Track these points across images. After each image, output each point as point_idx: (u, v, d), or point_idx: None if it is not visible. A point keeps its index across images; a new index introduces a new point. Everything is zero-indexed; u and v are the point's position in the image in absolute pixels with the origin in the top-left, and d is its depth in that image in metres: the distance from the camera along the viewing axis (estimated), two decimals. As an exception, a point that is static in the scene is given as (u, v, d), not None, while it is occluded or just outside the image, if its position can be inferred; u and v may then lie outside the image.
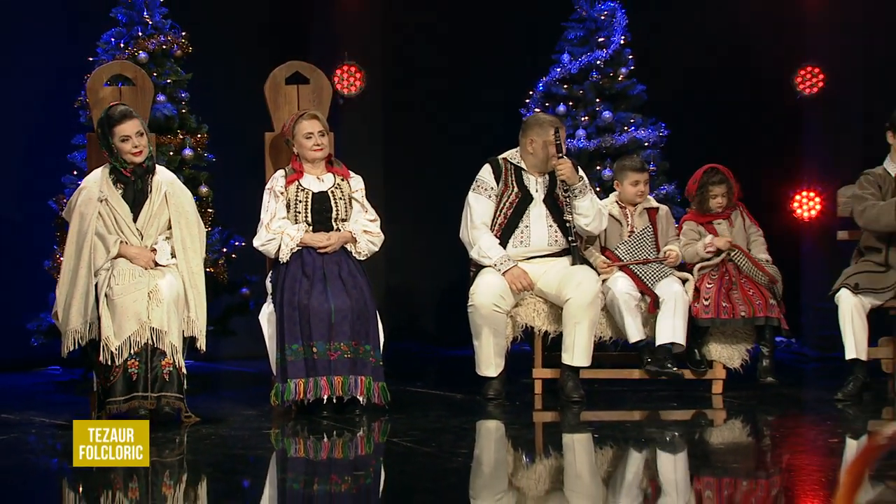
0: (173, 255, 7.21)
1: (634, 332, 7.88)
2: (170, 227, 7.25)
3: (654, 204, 8.40)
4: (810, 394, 8.60)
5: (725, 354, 8.11)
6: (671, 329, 7.86)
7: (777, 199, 9.34)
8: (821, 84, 9.82)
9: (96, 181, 7.21)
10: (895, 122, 7.98)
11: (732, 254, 8.12)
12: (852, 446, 6.73)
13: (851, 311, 7.90)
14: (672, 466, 6.66)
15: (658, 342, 7.88)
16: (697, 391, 8.08)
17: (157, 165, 7.36)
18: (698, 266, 8.13)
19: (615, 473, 6.48)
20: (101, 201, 7.12)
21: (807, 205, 9.77)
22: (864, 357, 7.93)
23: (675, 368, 7.88)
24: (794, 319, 8.38)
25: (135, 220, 7.18)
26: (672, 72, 9.79)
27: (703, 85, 9.94)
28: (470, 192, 8.02)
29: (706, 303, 7.98)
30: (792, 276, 8.65)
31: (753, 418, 7.67)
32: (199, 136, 8.84)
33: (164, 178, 7.33)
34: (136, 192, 7.20)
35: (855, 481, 2.04)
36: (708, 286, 8.03)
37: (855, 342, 7.91)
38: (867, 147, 8.73)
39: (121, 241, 7.11)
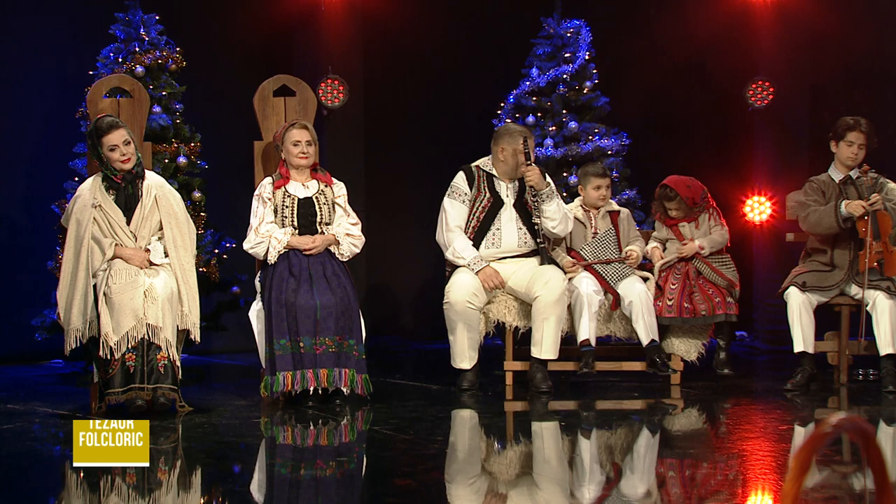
0: (166, 254, 7.23)
1: (584, 332, 7.88)
2: (161, 228, 7.27)
3: (616, 207, 8.43)
4: (761, 384, 8.64)
5: (683, 348, 8.15)
6: (645, 328, 7.90)
7: (730, 203, 9.37)
8: (770, 97, 9.86)
9: (90, 189, 7.22)
10: (837, 133, 8.05)
11: (694, 260, 8.17)
12: (801, 433, 6.77)
13: (799, 307, 7.96)
14: (633, 452, 6.69)
15: (644, 344, 7.92)
16: (657, 382, 8.10)
17: (146, 170, 7.36)
18: (659, 265, 8.18)
19: (580, 458, 6.51)
20: (96, 207, 7.14)
21: (758, 209, 9.81)
22: (811, 350, 8.00)
23: (668, 367, 7.97)
24: (746, 315, 8.43)
25: (128, 223, 7.20)
26: (634, 85, 9.81)
27: (662, 97, 9.97)
28: (445, 198, 8.05)
29: (670, 303, 8.02)
30: (744, 274, 8.68)
31: (709, 407, 7.70)
32: (192, 144, 8.83)
33: (153, 182, 7.34)
34: (127, 196, 7.22)
35: (803, 466, 2.06)
36: (672, 286, 8.07)
37: (803, 336, 7.98)
38: (813, 155, 8.78)
39: (116, 244, 7.13)
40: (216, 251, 8.81)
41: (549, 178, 8.04)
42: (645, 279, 8.08)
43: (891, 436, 6.87)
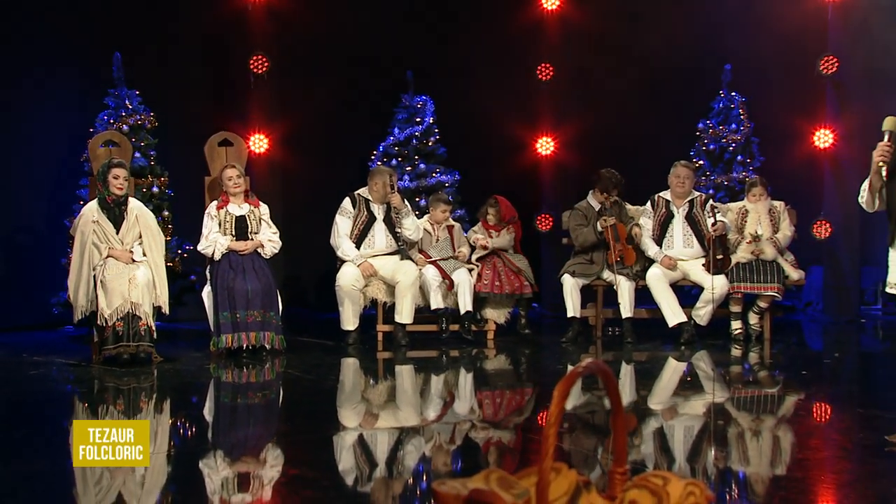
0: (144, 255, 7.17)
1: (435, 303, 7.97)
2: (141, 237, 7.20)
3: (452, 222, 8.51)
4: (547, 339, 8.77)
5: (495, 314, 8.24)
6: (464, 303, 8.01)
7: (527, 219, 9.49)
8: (553, 148, 10.02)
9: (91, 210, 7.20)
10: (603, 186, 8.21)
11: (499, 254, 8.31)
12: (570, 371, 6.91)
13: (571, 287, 8.13)
14: (463, 384, 6.77)
15: (461, 312, 8.00)
16: (478, 338, 8.16)
17: (130, 198, 7.31)
18: (476, 258, 8.30)
19: (427, 389, 6.57)
20: (94, 222, 7.11)
21: (545, 222, 9.96)
22: (578, 315, 8.16)
23: (471, 334, 8.03)
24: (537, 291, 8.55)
25: (117, 232, 7.13)
26: (462, 140, 9.88)
27: (480, 148, 10.04)
28: (337, 215, 8.05)
29: (485, 282, 8.12)
30: (535, 265, 8.83)
31: (513, 355, 7.79)
32: (162, 178, 8.74)
33: (136, 206, 7.32)
34: (115, 215, 7.16)
35: (562, 394, 2.13)
36: (487, 272, 8.18)
37: (573, 306, 8.14)
38: (580, 188, 8.91)
39: (109, 247, 7.08)
40: (179, 251, 8.73)
41: (406, 202, 8.10)
42: (471, 269, 8.18)
43: (629, 371, 7.06)
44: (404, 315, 7.92)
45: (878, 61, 9.29)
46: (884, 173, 4.65)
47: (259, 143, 9.46)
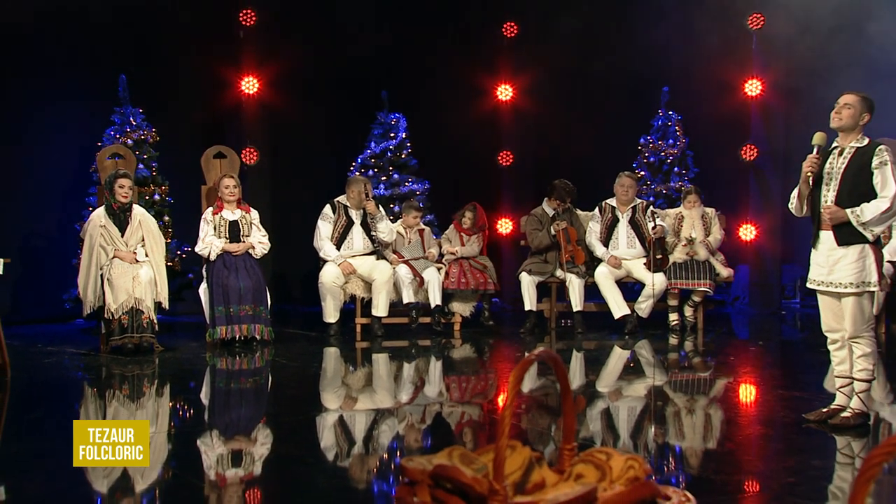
0: (147, 256, 7.13)
1: (407, 298, 7.96)
2: (143, 240, 7.16)
3: (422, 226, 8.51)
4: (506, 330, 8.78)
5: (461, 308, 8.25)
6: (433, 298, 8.00)
7: (490, 223, 9.50)
8: (511, 160, 10.05)
9: (98, 215, 7.20)
10: (556, 194, 8.24)
11: (462, 258, 8.33)
12: (524, 358, 6.93)
13: (528, 284, 8.15)
14: (432, 370, 6.77)
15: (431, 306, 8.00)
16: (446, 329, 8.16)
17: (134, 205, 7.28)
18: (447, 259, 8.30)
19: (401, 375, 6.57)
20: (102, 227, 7.09)
21: (504, 226, 9.98)
22: (535, 309, 8.18)
23: (440, 326, 8.01)
24: (498, 289, 8.55)
25: (122, 235, 7.10)
26: (430, 152, 9.87)
27: (447, 160, 10.05)
28: (319, 220, 8.03)
29: (452, 279, 8.13)
30: (497, 264, 8.84)
31: (477, 344, 7.79)
32: (163, 187, 8.68)
33: (139, 212, 7.30)
34: (121, 220, 7.13)
35: (517, 379, 2.15)
36: (454, 270, 8.19)
37: (530, 301, 8.15)
38: (537, 196, 8.95)
39: (115, 249, 7.04)
40: (178, 252, 8.68)
41: (380, 208, 8.08)
42: (439, 268, 8.18)
43: (579, 358, 7.08)
44: (380, 309, 7.91)
45: (796, 84, 9.40)
46: (811, 182, 4.71)
47: (250, 155, 9.41)
